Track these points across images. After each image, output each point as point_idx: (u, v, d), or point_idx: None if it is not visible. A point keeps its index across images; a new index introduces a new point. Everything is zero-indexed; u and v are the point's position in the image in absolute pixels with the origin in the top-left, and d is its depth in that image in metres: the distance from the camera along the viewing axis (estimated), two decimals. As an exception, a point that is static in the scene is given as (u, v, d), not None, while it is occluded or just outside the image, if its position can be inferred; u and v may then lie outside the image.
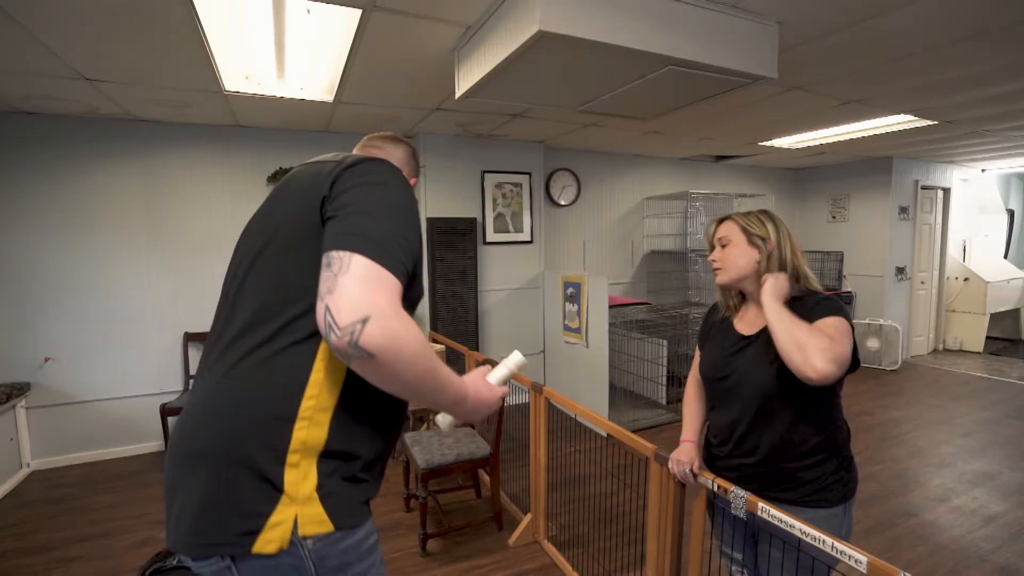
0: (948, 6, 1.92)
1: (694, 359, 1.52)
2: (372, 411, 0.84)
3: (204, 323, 3.64)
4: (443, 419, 0.98)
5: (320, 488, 0.76)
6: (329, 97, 2.93)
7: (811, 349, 1.09)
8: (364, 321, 0.66)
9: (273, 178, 3.73)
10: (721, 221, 1.37)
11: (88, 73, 2.48)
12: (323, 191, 0.81)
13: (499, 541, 2.45)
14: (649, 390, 4.22)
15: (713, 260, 1.38)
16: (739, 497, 1.27)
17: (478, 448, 2.46)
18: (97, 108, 3.07)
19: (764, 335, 1.29)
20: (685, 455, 1.43)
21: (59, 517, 2.72)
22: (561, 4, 1.60)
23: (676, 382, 4.17)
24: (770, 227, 1.30)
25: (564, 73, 2.05)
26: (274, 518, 0.73)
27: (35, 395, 3.29)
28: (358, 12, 1.92)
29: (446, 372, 0.80)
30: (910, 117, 3.60)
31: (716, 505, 1.44)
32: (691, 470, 1.41)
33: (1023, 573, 2.18)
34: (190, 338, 3.60)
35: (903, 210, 5.62)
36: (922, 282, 6.02)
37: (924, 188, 5.82)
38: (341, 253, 0.71)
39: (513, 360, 1.03)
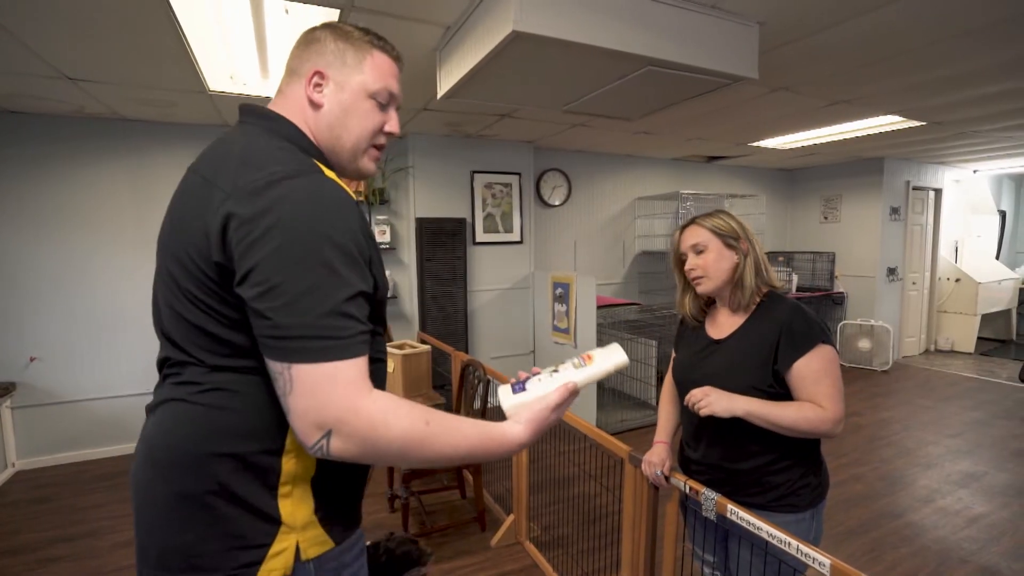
0: (928, 6, 1.92)
1: (671, 361, 1.51)
2: None
3: (191, 323, 3.63)
4: (505, 401, 0.82)
5: (317, 511, 0.76)
6: (314, 97, 2.92)
7: (818, 423, 1.15)
8: (327, 436, 0.65)
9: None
10: (686, 227, 1.33)
11: (70, 73, 2.47)
12: (212, 237, 0.67)
13: (482, 542, 2.44)
14: (638, 390, 4.22)
15: (692, 268, 1.30)
16: (709, 499, 1.27)
17: (461, 449, 2.45)
18: (82, 107, 3.06)
19: (732, 340, 1.29)
20: (657, 456, 1.43)
21: (43, 517, 2.71)
22: (536, 4, 1.59)
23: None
24: (736, 226, 1.29)
25: (543, 73, 2.04)
26: (275, 548, 0.73)
27: (20, 395, 3.27)
28: (336, 12, 1.91)
29: (453, 432, 0.72)
30: (897, 118, 3.60)
31: (688, 507, 1.44)
32: (663, 472, 1.41)
33: (1004, 574, 2.18)
34: (177, 338, 3.59)
35: (895, 211, 5.63)
36: (913, 283, 6.03)
37: (915, 189, 5.83)
38: (279, 367, 0.66)
39: (612, 360, 0.86)
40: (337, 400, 0.65)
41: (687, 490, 1.34)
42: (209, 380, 0.73)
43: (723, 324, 1.34)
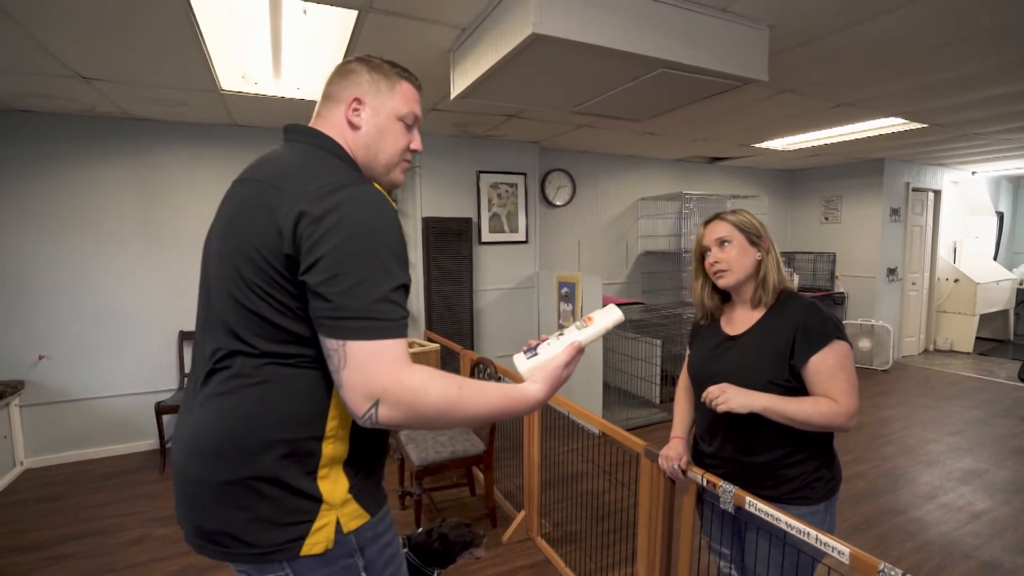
0: (935, 11, 1.95)
1: (685, 358, 1.54)
2: None
3: (199, 322, 3.64)
4: (521, 365, 0.93)
5: (351, 489, 0.86)
6: (325, 97, 2.94)
7: (833, 417, 1.18)
8: (375, 406, 0.74)
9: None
10: (711, 221, 1.37)
11: (85, 72, 2.49)
12: (285, 233, 0.77)
13: (493, 538, 2.47)
14: (643, 389, 4.25)
15: (716, 261, 1.33)
16: (727, 492, 1.29)
17: (472, 446, 2.48)
18: (93, 107, 3.07)
19: (748, 336, 1.32)
20: (674, 451, 1.45)
21: (53, 515, 2.73)
22: (555, 7, 1.62)
23: (670, 381, 4.21)
24: (759, 225, 1.33)
25: (558, 75, 2.07)
26: (317, 523, 0.82)
27: (29, 393, 3.28)
28: (354, 13, 1.94)
29: (503, 399, 0.85)
30: (900, 120, 3.65)
31: (705, 500, 1.46)
32: (680, 466, 1.44)
33: (1007, 568, 2.22)
34: (185, 337, 3.60)
35: (895, 212, 5.68)
36: (913, 283, 6.08)
37: (915, 190, 5.89)
38: (335, 344, 0.75)
39: (610, 318, 0.97)
40: (384, 372, 0.75)
41: (704, 483, 1.37)
42: (259, 373, 0.81)
43: (738, 321, 1.36)
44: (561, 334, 0.95)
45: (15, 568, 2.28)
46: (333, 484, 0.84)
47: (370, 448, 0.91)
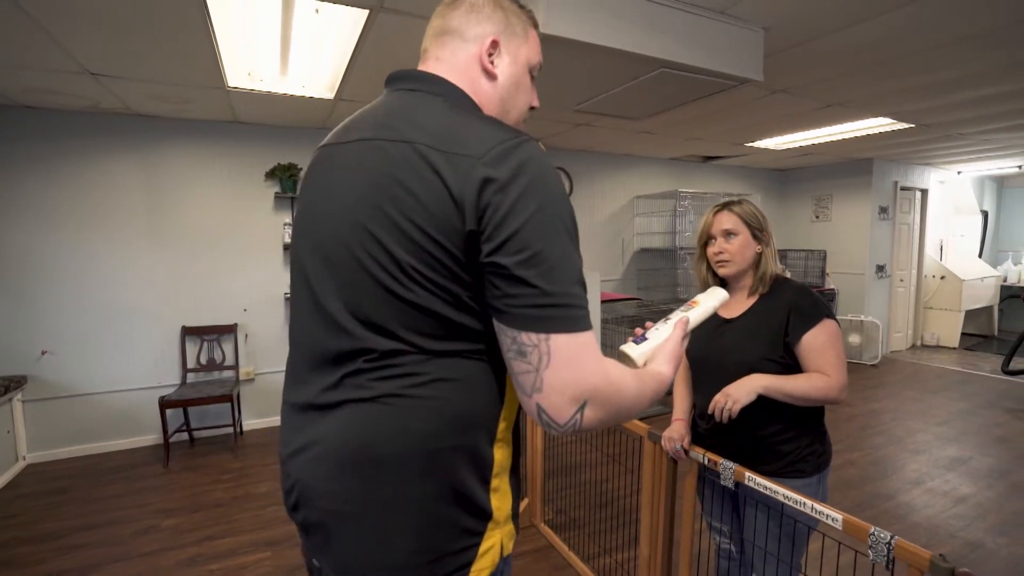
0: (924, 15, 2.05)
1: (685, 344, 1.62)
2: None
3: (202, 317, 3.68)
4: (633, 352, 0.86)
5: (514, 503, 0.76)
6: (330, 94, 2.99)
7: (827, 390, 1.28)
8: (582, 409, 0.62)
9: (271, 174, 3.77)
10: (719, 211, 1.42)
11: (92, 67, 2.52)
12: (467, 205, 0.61)
13: (497, 525, 2.53)
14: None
15: (721, 251, 1.40)
16: (728, 469, 1.37)
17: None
18: (97, 103, 3.10)
19: (743, 319, 1.40)
20: (676, 432, 1.53)
21: (62, 507, 2.76)
22: (563, 8, 1.69)
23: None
24: (762, 218, 1.41)
25: (562, 74, 2.14)
26: (484, 545, 0.70)
27: (32, 388, 3.30)
28: (365, 12, 1.99)
29: (652, 382, 0.75)
30: (888, 120, 3.76)
31: (706, 479, 1.54)
32: (683, 446, 1.51)
33: (989, 547, 2.32)
34: (188, 332, 3.64)
35: (883, 210, 5.82)
36: (901, 280, 6.23)
37: (903, 189, 6.03)
38: (535, 338, 0.61)
39: (716, 297, 0.98)
40: (594, 369, 0.63)
41: (706, 462, 1.44)
42: (431, 369, 0.67)
43: (733, 306, 1.45)
44: (667, 319, 0.92)
45: (30, 557, 2.31)
46: (503, 497, 0.72)
47: (518, 454, 0.79)
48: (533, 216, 0.61)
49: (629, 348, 0.86)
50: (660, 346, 0.84)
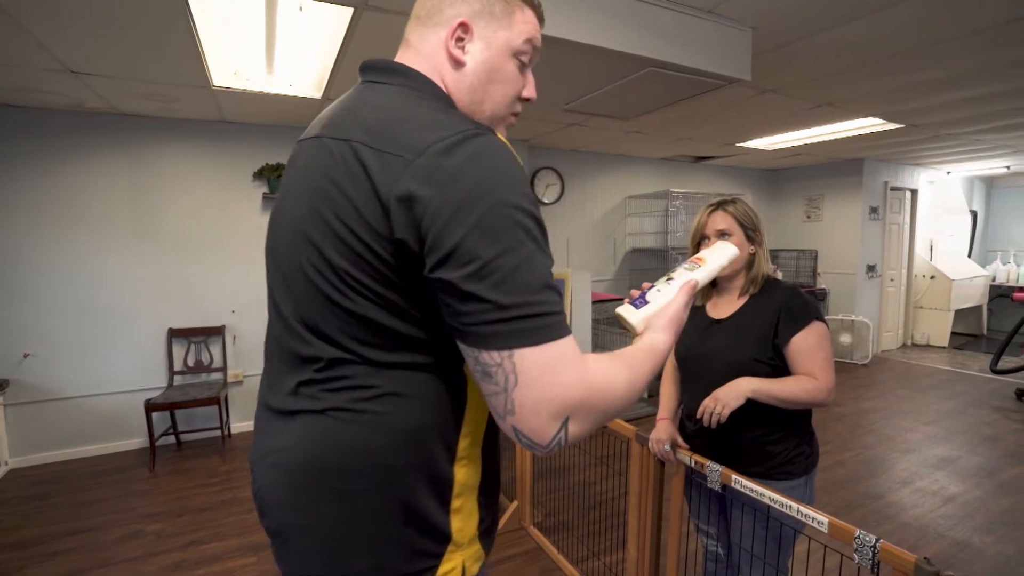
0: (912, 14, 2.05)
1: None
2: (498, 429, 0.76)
3: (189, 318, 3.64)
4: (632, 316, 0.79)
5: (481, 523, 0.71)
6: (317, 94, 2.96)
7: (815, 393, 1.26)
8: (565, 426, 0.57)
9: (259, 175, 3.74)
10: (715, 210, 1.40)
11: (75, 66, 2.48)
12: (394, 211, 0.57)
13: (486, 527, 2.51)
14: (631, 383, 4.32)
15: None
16: (714, 471, 1.36)
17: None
18: (82, 102, 3.05)
19: (733, 319, 1.39)
20: (664, 433, 1.51)
21: (44, 512, 2.71)
22: (548, 6, 1.67)
23: (657, 376, 4.28)
24: (755, 218, 1.40)
25: (550, 73, 2.13)
26: (443, 569, 0.66)
27: (13, 391, 3.25)
28: (350, 10, 1.97)
29: (649, 360, 0.69)
30: (878, 120, 3.77)
31: (692, 481, 1.53)
32: (671, 447, 1.50)
33: (976, 547, 2.33)
34: (174, 333, 3.59)
35: (873, 210, 5.85)
36: (891, 279, 6.26)
37: (893, 189, 6.06)
38: (496, 356, 0.56)
39: (724, 254, 0.90)
40: (571, 380, 0.56)
41: (692, 464, 1.43)
42: (379, 382, 0.63)
43: (724, 306, 1.44)
44: (670, 278, 0.84)
45: (10, 564, 2.27)
46: (466, 518, 0.68)
47: (496, 470, 0.75)
48: (480, 220, 0.54)
49: (627, 312, 0.79)
50: (661, 310, 0.77)
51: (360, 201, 0.59)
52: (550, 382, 0.55)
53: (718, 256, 0.91)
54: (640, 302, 0.80)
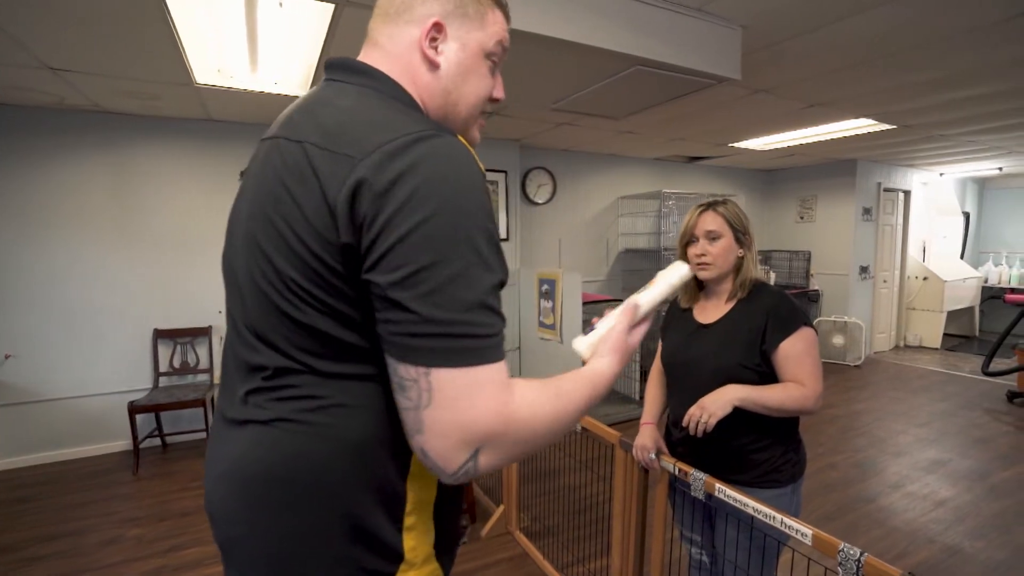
0: (903, 14, 2.02)
1: (658, 347, 1.58)
2: None
3: (174, 319, 3.58)
4: (579, 344, 0.79)
5: (437, 543, 0.68)
6: (303, 91, 2.92)
7: (803, 400, 1.24)
8: (475, 456, 0.54)
9: (245, 173, 3.68)
10: (704, 211, 1.36)
11: (53, 63, 2.43)
12: (340, 214, 0.55)
13: (472, 532, 2.48)
14: (622, 385, 4.31)
15: (703, 254, 1.34)
16: (698, 480, 1.33)
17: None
18: (63, 99, 3.00)
19: (720, 324, 1.36)
20: (650, 439, 1.48)
21: (25, 517, 2.66)
22: (531, 3, 1.64)
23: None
24: (745, 220, 1.37)
25: (535, 71, 2.09)
26: None
27: (-5, 393, 3.19)
28: (331, 7, 1.93)
29: (585, 388, 0.66)
30: (871, 121, 3.75)
31: (677, 488, 1.50)
32: (655, 455, 1.47)
33: (967, 552, 2.31)
34: (160, 334, 3.54)
35: (866, 211, 5.84)
36: (884, 281, 6.26)
37: (886, 190, 6.06)
38: (412, 372, 0.53)
39: (676, 274, 0.88)
40: (487, 410, 0.53)
41: (676, 472, 1.40)
42: (326, 392, 0.61)
43: (711, 310, 1.40)
44: (624, 305, 0.84)
45: (-18, 571, 2.22)
46: (420, 536, 0.65)
47: (456, 486, 0.71)
48: (419, 226, 0.52)
49: (578, 343, 0.79)
50: (604, 336, 0.76)
51: (309, 208, 0.57)
52: (466, 407, 0.53)
53: (668, 276, 0.90)
54: (589, 330, 0.81)
